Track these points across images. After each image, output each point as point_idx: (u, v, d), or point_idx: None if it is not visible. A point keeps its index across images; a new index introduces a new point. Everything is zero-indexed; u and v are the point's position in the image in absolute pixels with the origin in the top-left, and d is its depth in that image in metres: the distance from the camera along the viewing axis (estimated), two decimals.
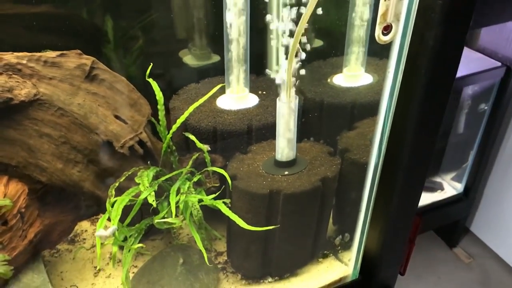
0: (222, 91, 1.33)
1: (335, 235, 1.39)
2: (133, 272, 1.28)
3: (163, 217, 1.07)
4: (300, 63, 1.04)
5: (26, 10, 1.26)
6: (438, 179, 2.10)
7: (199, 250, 1.26)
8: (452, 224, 2.23)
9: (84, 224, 1.44)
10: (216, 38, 1.53)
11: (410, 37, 0.87)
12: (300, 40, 0.97)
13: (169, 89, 1.42)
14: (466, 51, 1.84)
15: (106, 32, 1.40)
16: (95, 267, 1.32)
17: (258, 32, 1.32)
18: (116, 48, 1.42)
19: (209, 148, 1.19)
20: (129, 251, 1.11)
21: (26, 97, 1.00)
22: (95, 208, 1.37)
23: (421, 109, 0.96)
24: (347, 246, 1.37)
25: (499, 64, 1.80)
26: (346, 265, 1.34)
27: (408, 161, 1.10)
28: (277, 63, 1.36)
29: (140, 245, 1.07)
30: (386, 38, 0.87)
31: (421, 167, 1.14)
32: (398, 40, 0.88)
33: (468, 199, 2.09)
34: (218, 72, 1.48)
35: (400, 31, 0.87)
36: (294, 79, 1.05)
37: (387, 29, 0.86)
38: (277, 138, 1.13)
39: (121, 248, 1.21)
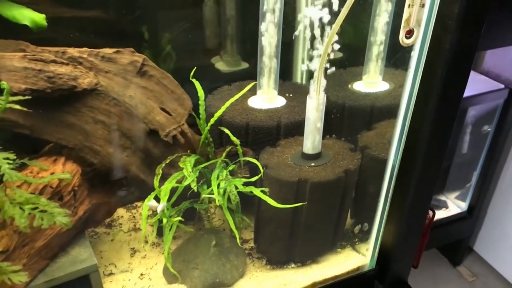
0: (253, 92, 1.46)
1: (352, 227, 1.50)
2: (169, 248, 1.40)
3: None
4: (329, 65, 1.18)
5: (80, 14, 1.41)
6: (442, 198, 2.16)
7: (230, 234, 1.39)
8: (456, 242, 2.29)
9: (120, 211, 1.56)
10: (246, 46, 1.68)
11: (429, 41, 1.01)
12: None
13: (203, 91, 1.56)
14: (471, 74, 1.95)
15: (146, 39, 1.55)
16: (132, 249, 1.44)
17: (287, 42, 1.46)
18: (155, 53, 1.56)
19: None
20: (169, 230, 1.22)
21: (88, 86, 1.13)
22: (135, 195, 1.50)
23: (437, 106, 1.09)
24: (364, 238, 1.48)
25: (502, 86, 1.85)
26: (363, 255, 1.44)
27: (424, 157, 1.21)
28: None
29: (179, 218, 1.19)
30: (408, 41, 1.00)
31: (436, 163, 1.26)
32: (419, 43, 1.01)
33: (471, 218, 2.16)
34: (246, 77, 1.62)
35: (421, 35, 1.00)
36: (324, 80, 1.18)
37: (409, 33, 0.99)
38: (305, 132, 1.25)
39: (158, 233, 1.33)
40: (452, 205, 2.18)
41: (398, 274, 1.48)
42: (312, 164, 1.28)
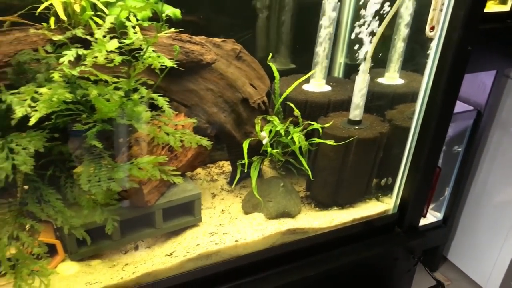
0: (306, 81, 1.98)
1: (376, 187, 1.98)
2: (242, 194, 1.86)
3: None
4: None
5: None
6: None
7: (290, 181, 1.86)
8: (433, 250, 2.65)
9: (198, 170, 2.01)
10: (294, 52, 2.20)
11: (444, 34, 1.55)
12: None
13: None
14: None
15: None
16: (212, 193, 1.88)
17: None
18: None
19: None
20: (255, 169, 1.69)
21: (210, 60, 1.62)
22: (217, 156, 1.97)
23: (448, 79, 1.61)
24: (385, 193, 1.96)
25: (471, 108, 2.22)
26: (387, 204, 1.92)
27: (437, 124, 1.72)
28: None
29: (277, 150, 1.67)
30: (431, 34, 1.54)
31: (443, 131, 1.77)
32: (437, 36, 1.55)
33: (446, 227, 2.54)
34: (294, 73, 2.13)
35: (439, 30, 1.54)
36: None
37: (432, 29, 1.53)
38: (352, 103, 1.76)
39: (231, 182, 1.79)
40: (430, 216, 2.54)
41: (412, 221, 1.96)
42: (356, 127, 1.78)
